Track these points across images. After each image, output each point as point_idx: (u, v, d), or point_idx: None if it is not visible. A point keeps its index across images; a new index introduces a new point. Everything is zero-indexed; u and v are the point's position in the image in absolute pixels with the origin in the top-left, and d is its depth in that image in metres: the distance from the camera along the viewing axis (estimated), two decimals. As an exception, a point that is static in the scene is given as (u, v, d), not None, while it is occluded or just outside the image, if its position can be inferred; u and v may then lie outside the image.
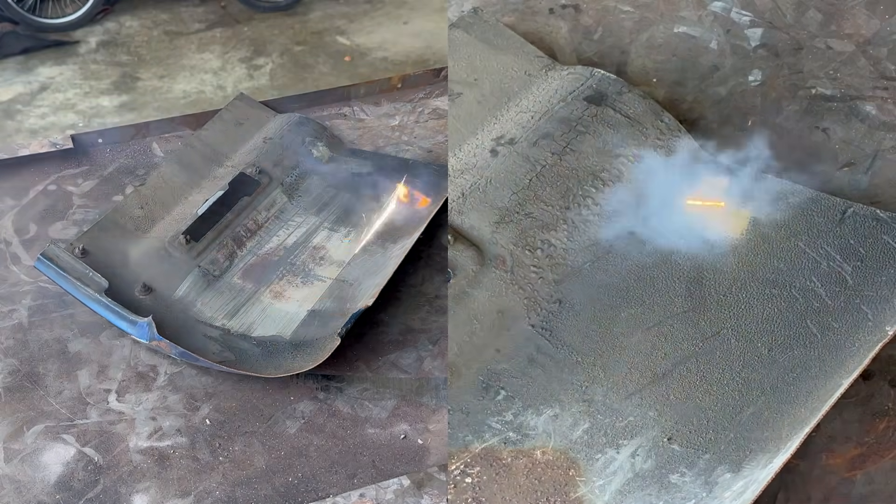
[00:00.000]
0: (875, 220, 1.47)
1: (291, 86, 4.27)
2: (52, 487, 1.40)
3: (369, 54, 4.65)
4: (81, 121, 3.96)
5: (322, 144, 2.14)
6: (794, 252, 1.49)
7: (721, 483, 1.24)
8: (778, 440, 1.25)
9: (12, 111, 4.00)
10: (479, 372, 1.46)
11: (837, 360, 1.31)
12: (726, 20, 1.94)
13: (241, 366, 1.58)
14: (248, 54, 4.60)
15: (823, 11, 1.92)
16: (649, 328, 1.47)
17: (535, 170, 1.66)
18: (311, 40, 4.78)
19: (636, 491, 1.27)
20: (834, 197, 1.54)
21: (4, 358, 1.62)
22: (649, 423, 1.35)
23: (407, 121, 2.32)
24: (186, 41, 4.72)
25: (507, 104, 1.81)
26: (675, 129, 1.72)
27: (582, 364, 1.45)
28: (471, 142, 1.75)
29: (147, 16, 4.97)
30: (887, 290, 1.37)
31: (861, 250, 1.44)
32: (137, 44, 4.68)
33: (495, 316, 1.52)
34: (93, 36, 4.73)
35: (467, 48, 1.91)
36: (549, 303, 1.53)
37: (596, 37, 1.97)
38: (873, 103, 1.75)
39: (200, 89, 4.26)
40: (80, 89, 4.22)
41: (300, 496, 1.40)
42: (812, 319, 1.39)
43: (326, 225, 1.96)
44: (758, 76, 1.85)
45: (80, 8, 4.70)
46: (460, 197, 1.64)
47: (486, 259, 1.57)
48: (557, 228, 1.60)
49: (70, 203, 2.01)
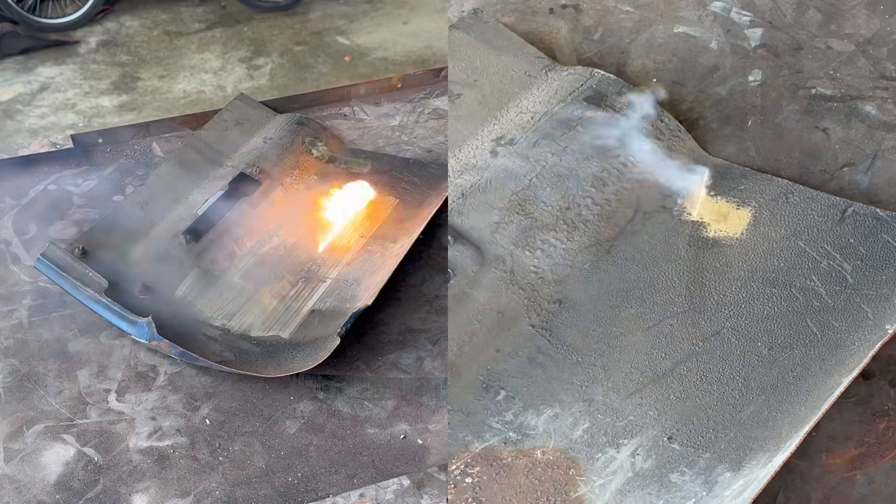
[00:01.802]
0: (875, 220, 1.47)
1: (291, 86, 4.28)
2: (52, 487, 1.40)
3: (369, 54, 4.66)
4: (81, 121, 3.96)
5: (322, 144, 2.14)
6: (794, 251, 1.49)
7: (721, 482, 1.24)
8: (778, 439, 1.25)
9: (12, 111, 4.01)
10: (479, 372, 1.45)
11: (837, 359, 1.31)
12: (726, 20, 1.94)
13: (241, 366, 1.58)
14: (248, 54, 4.60)
15: (823, 11, 1.92)
16: (649, 328, 1.47)
17: (535, 170, 1.66)
18: (311, 40, 4.78)
19: (636, 490, 1.27)
20: (834, 197, 1.54)
21: (4, 358, 1.62)
22: (649, 423, 1.35)
23: (407, 121, 2.32)
24: (186, 41, 4.72)
25: (507, 105, 1.81)
26: (675, 129, 1.72)
27: (582, 364, 1.45)
28: (471, 142, 1.75)
29: (147, 16, 4.97)
30: (887, 289, 1.37)
31: (861, 249, 1.44)
32: (137, 44, 4.68)
33: (495, 316, 1.52)
34: (93, 36, 4.73)
35: (467, 48, 1.91)
36: (549, 303, 1.53)
37: (596, 37, 1.97)
38: (873, 103, 1.75)
39: (200, 89, 4.26)
40: (80, 89, 4.22)
41: (300, 496, 1.40)
42: (812, 318, 1.39)
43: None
44: (758, 76, 1.85)
45: (80, 8, 4.71)
46: (460, 197, 1.64)
47: (486, 259, 1.57)
48: (557, 228, 1.60)
49: (70, 203, 2.01)
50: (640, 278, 1.54)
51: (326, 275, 1.82)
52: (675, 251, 1.56)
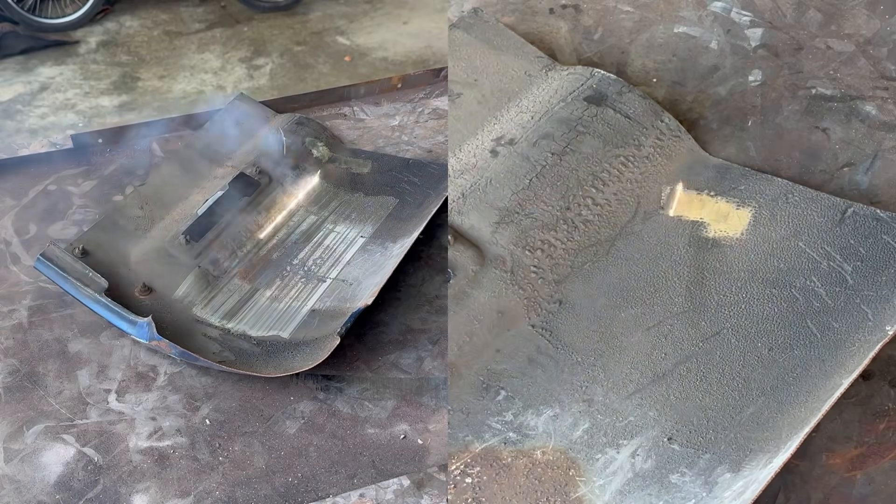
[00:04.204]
0: (875, 220, 1.47)
1: (291, 86, 4.28)
2: (52, 487, 1.40)
3: (369, 54, 4.66)
4: (81, 121, 3.96)
5: (322, 144, 2.14)
6: (794, 252, 1.49)
7: (721, 483, 1.24)
8: (778, 440, 1.25)
9: (12, 111, 4.01)
10: (479, 372, 1.45)
11: (837, 360, 1.31)
12: (726, 20, 1.94)
13: (241, 366, 1.58)
14: (248, 54, 4.60)
15: (823, 11, 1.92)
16: (649, 328, 1.47)
17: (535, 170, 1.66)
18: (311, 40, 4.78)
19: (636, 491, 1.27)
20: (834, 197, 1.54)
21: (4, 358, 1.62)
22: (649, 423, 1.35)
23: (407, 121, 2.32)
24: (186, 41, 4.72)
25: (507, 104, 1.81)
26: (675, 130, 1.72)
27: (582, 364, 1.45)
28: (471, 142, 1.75)
29: (147, 16, 4.97)
30: (887, 289, 1.37)
31: (861, 250, 1.44)
32: (137, 44, 4.68)
33: (495, 316, 1.52)
34: (93, 36, 4.73)
35: (467, 48, 1.91)
36: (549, 303, 1.53)
37: (596, 37, 1.97)
38: (873, 103, 1.75)
39: (200, 89, 4.26)
40: (80, 89, 4.22)
41: (300, 496, 1.40)
42: (812, 319, 1.39)
43: (326, 225, 1.96)
44: (758, 76, 1.85)
45: (80, 8, 4.71)
46: (460, 197, 1.64)
47: (486, 259, 1.57)
48: (557, 228, 1.60)
49: (70, 203, 2.01)
50: (640, 278, 1.54)
51: (326, 275, 1.82)
52: (675, 251, 1.56)
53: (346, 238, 1.92)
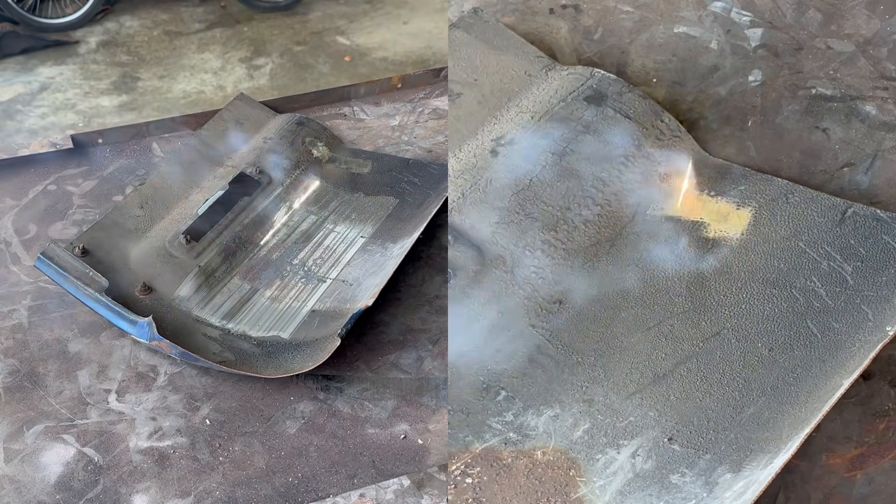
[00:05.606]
0: (875, 220, 1.47)
1: (291, 86, 4.28)
2: (52, 487, 1.40)
3: (369, 54, 4.66)
4: (81, 121, 3.96)
5: (322, 144, 2.14)
6: (794, 252, 1.49)
7: (721, 483, 1.24)
8: (778, 440, 1.25)
9: (12, 111, 4.01)
10: (479, 372, 1.45)
11: (838, 361, 1.31)
12: (726, 20, 1.94)
13: (241, 366, 1.58)
14: (248, 54, 4.60)
15: (823, 11, 1.92)
16: (649, 328, 1.47)
17: (535, 170, 1.66)
18: (311, 40, 4.78)
19: (637, 491, 1.27)
20: (834, 197, 1.54)
21: (4, 358, 1.62)
22: (650, 424, 1.35)
23: (407, 121, 2.32)
24: (186, 41, 4.72)
25: (507, 104, 1.81)
26: (675, 130, 1.72)
27: (582, 364, 1.45)
28: (471, 142, 1.75)
29: (147, 16, 4.97)
30: (888, 290, 1.37)
31: (861, 250, 1.44)
32: (137, 44, 4.68)
33: (495, 316, 1.52)
34: (93, 36, 4.73)
35: (467, 48, 1.91)
36: (549, 303, 1.53)
37: (596, 37, 1.97)
38: (873, 103, 1.75)
39: (200, 89, 4.26)
40: (80, 89, 4.22)
41: (300, 496, 1.40)
42: (812, 319, 1.39)
43: (327, 225, 1.96)
44: (758, 76, 1.85)
45: (80, 8, 4.71)
46: (460, 197, 1.64)
47: (486, 259, 1.57)
48: (557, 228, 1.60)
49: (70, 203, 2.01)
50: (640, 278, 1.54)
51: (326, 275, 1.82)
52: (675, 251, 1.56)
53: (346, 238, 1.92)
